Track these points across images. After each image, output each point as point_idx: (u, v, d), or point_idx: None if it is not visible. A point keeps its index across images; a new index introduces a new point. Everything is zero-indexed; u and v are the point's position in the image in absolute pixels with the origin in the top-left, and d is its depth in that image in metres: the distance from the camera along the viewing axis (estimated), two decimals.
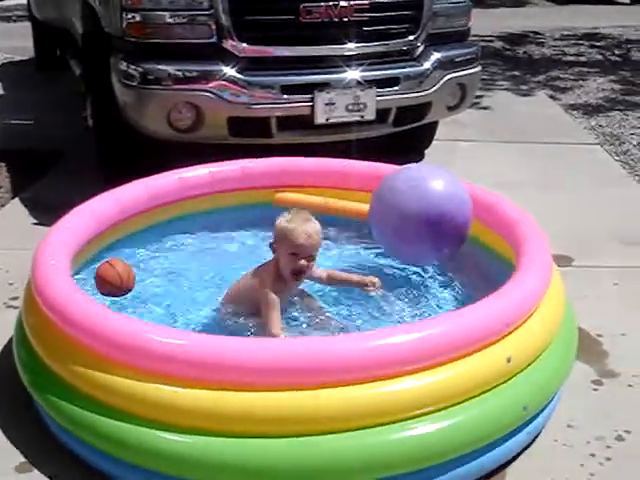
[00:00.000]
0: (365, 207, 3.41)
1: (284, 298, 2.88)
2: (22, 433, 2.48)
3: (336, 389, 2.12)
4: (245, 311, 2.89)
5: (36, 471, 2.32)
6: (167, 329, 2.37)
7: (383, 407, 2.14)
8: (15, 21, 12.15)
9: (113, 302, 2.87)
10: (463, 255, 3.17)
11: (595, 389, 2.77)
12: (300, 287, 3.02)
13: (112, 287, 2.80)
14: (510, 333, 2.37)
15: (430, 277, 3.26)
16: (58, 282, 2.52)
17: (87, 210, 3.12)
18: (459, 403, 2.19)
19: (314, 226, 2.85)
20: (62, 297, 2.44)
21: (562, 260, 3.59)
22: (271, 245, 2.90)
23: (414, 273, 3.29)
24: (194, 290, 3.14)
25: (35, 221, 4.21)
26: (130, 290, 2.85)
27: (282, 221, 2.86)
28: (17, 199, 4.57)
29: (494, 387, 2.26)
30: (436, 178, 3.09)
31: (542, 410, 2.44)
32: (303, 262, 2.83)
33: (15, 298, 3.28)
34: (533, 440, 2.46)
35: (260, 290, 2.82)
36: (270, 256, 2.93)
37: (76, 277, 2.87)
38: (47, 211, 4.03)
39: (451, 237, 3.06)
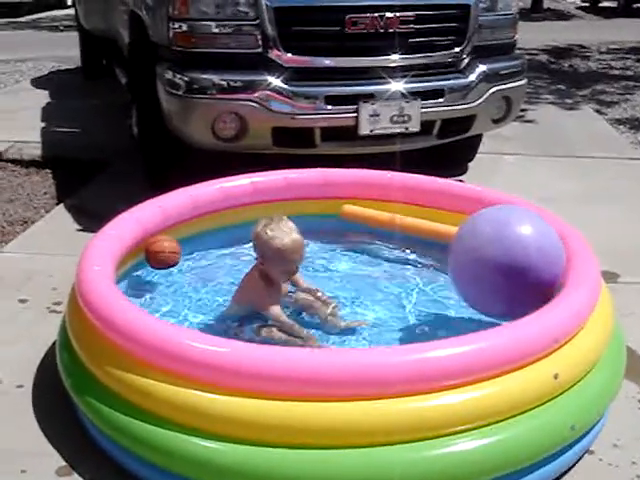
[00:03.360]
0: (431, 224, 3.37)
1: (280, 299, 2.95)
2: (63, 437, 2.49)
3: (377, 402, 2.09)
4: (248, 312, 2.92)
5: (75, 475, 2.33)
6: (209, 336, 2.36)
7: (425, 422, 2.10)
8: (62, 30, 12.40)
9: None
10: None
11: None
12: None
13: (175, 255, 3.11)
14: (558, 349, 2.32)
15: None
16: (102, 288, 2.54)
17: (131, 217, 3.14)
18: (504, 420, 2.15)
19: (299, 238, 2.86)
20: (105, 303, 2.45)
21: (608, 276, 3.52)
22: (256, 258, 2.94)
23: None
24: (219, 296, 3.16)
25: (79, 227, 4.25)
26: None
27: (270, 238, 2.83)
28: (62, 205, 4.62)
29: (541, 405, 2.21)
30: (525, 224, 2.71)
31: (590, 429, 2.39)
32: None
33: (59, 303, 3.32)
34: (578, 459, 2.40)
35: (263, 307, 2.87)
36: None
37: (119, 283, 2.89)
38: (91, 218, 4.07)
39: (530, 294, 2.67)
